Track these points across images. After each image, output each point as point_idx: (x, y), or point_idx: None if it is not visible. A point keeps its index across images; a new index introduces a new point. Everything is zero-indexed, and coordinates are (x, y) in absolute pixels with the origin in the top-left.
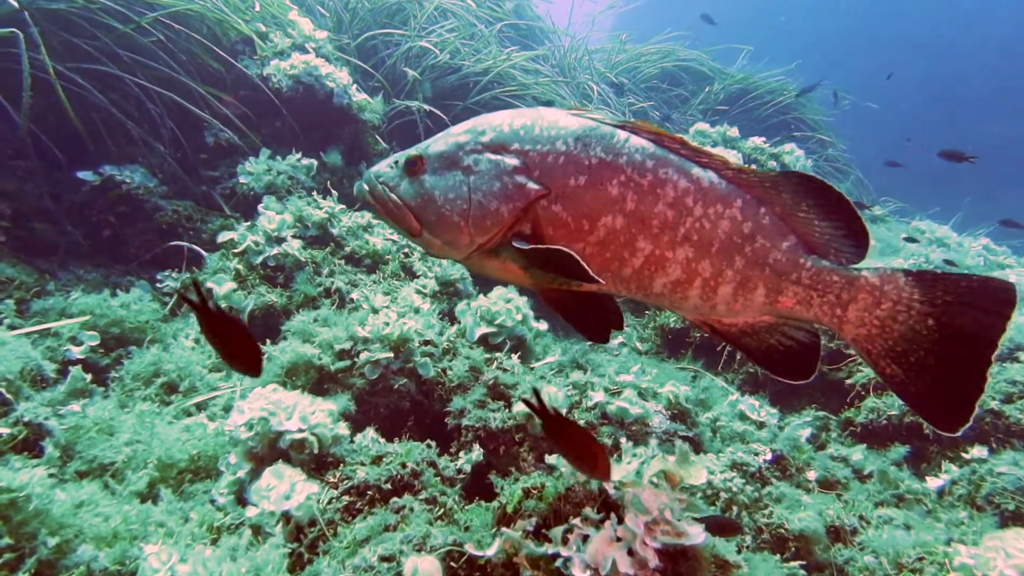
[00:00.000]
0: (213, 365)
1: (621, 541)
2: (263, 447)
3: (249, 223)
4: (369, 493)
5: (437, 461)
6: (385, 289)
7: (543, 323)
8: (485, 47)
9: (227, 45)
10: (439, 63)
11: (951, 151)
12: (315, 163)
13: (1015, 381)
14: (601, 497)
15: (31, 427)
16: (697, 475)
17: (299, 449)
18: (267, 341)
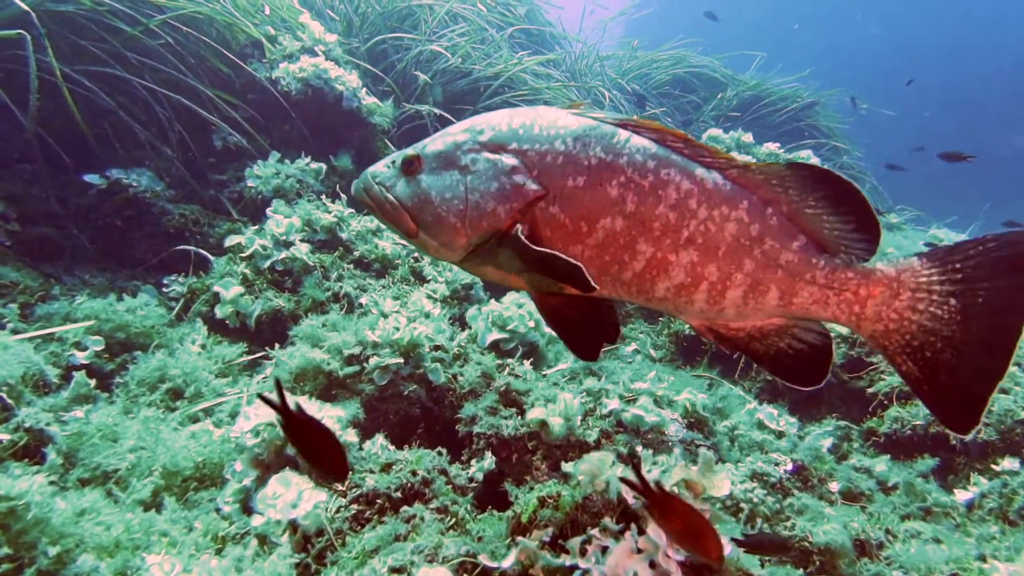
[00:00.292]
0: (219, 371)
1: (642, 553)
2: (270, 454)
3: (257, 227)
4: (379, 502)
5: (448, 469)
6: (395, 294)
7: None
8: (496, 51)
9: (236, 48)
10: (450, 67)
11: (951, 152)
12: (324, 167)
13: None
14: (620, 507)
15: (32, 433)
16: (721, 485)
17: None
18: (275, 346)
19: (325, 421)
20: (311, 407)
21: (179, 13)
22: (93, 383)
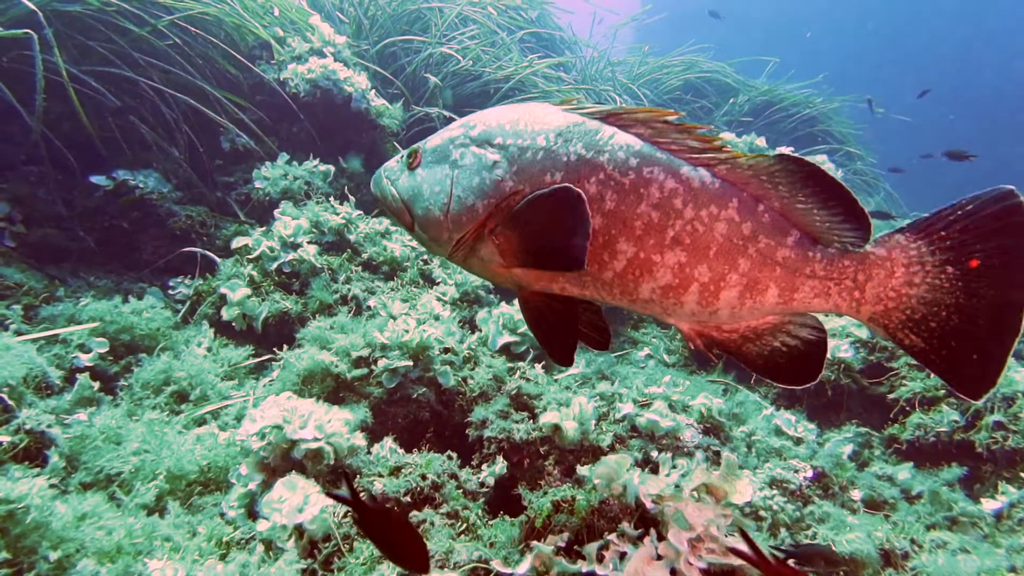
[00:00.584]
0: (225, 373)
1: (663, 560)
2: (275, 457)
3: (264, 228)
4: (387, 506)
5: (459, 473)
6: (403, 296)
7: None
8: (506, 54)
9: (244, 50)
10: (460, 70)
11: (955, 151)
12: (332, 169)
13: None
14: (639, 511)
15: (33, 435)
16: (743, 490)
17: (314, 459)
18: (282, 348)
19: (333, 424)
20: (319, 409)
21: (187, 14)
22: (97, 385)
